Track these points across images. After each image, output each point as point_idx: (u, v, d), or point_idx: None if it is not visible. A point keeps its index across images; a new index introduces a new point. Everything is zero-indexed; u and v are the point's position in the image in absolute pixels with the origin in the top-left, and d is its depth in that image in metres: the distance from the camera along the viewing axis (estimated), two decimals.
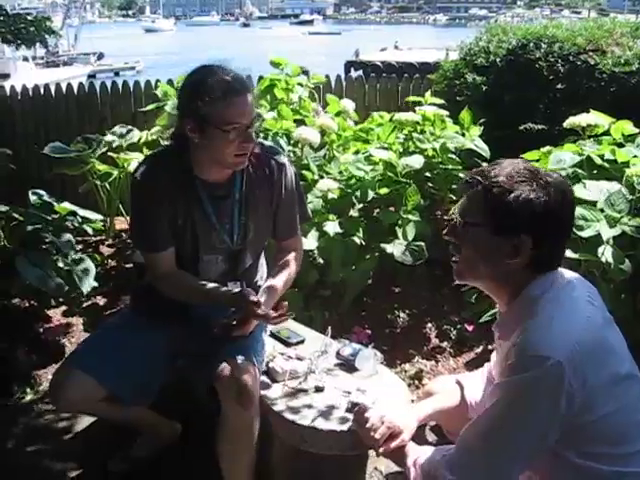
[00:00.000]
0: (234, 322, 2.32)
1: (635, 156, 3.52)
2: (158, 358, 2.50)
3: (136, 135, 5.27)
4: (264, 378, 2.51)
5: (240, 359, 2.35)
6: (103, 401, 2.45)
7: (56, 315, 4.20)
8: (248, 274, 2.62)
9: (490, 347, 3.68)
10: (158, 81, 5.80)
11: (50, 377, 3.54)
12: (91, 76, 28.25)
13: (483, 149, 4.14)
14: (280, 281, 2.53)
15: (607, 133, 3.71)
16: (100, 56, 36.22)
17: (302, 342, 2.78)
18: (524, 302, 1.76)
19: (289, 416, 2.30)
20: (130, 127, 5.39)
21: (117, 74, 31.77)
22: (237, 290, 2.38)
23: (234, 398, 2.25)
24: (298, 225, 2.66)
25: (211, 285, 2.43)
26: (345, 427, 2.23)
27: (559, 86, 4.54)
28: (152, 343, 2.47)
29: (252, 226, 2.51)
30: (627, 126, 3.69)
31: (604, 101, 4.14)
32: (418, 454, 1.94)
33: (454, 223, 1.84)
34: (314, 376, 2.50)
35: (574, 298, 1.76)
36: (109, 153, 5.19)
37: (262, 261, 2.75)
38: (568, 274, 1.86)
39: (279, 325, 2.82)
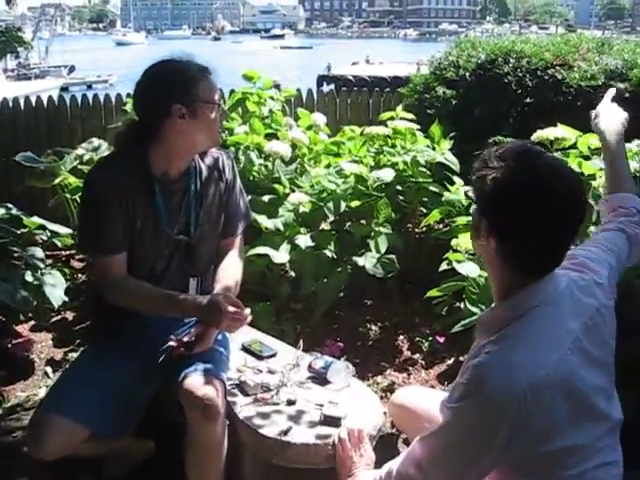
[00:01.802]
0: (193, 338, 2.32)
1: (601, 169, 3.58)
2: (131, 387, 2.43)
3: (107, 148, 5.24)
4: (236, 391, 2.50)
5: (204, 372, 2.32)
6: (86, 442, 2.35)
7: (25, 330, 4.14)
8: (205, 271, 2.62)
9: (462, 358, 3.70)
10: (129, 95, 5.77)
11: (19, 393, 3.52)
12: (64, 89, 27.97)
13: (453, 162, 4.17)
14: (232, 281, 2.53)
15: (574, 146, 3.77)
16: (71, 69, 35.89)
17: (274, 355, 2.77)
18: (506, 310, 1.65)
19: (261, 429, 2.29)
20: (101, 140, 5.35)
21: (90, 87, 31.58)
22: (207, 299, 2.33)
23: (199, 412, 2.22)
24: (240, 226, 2.68)
25: (172, 292, 2.40)
26: (318, 440, 2.23)
27: (527, 100, 4.59)
28: (121, 374, 2.40)
29: (207, 220, 2.53)
30: (593, 140, 3.75)
31: (571, 115, 4.18)
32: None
33: None
34: (286, 389, 2.50)
35: (555, 328, 1.61)
36: (80, 166, 5.15)
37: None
38: (572, 285, 1.70)
39: (251, 338, 2.83)
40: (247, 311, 2.34)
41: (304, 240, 3.76)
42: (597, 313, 1.69)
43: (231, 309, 2.28)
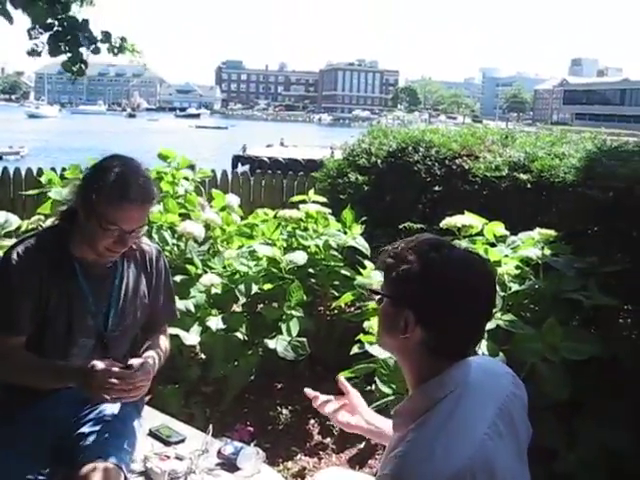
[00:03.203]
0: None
1: (506, 255, 3.73)
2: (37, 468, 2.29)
3: (14, 223, 5.10)
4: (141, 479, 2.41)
5: (102, 460, 2.20)
6: None
7: None
8: (119, 358, 2.52)
9: (373, 442, 3.69)
10: (41, 169, 5.69)
11: None
12: None
13: (364, 246, 4.26)
14: (157, 354, 2.48)
15: (481, 233, 3.91)
16: None
17: (182, 441, 2.70)
18: (423, 398, 1.66)
19: None
20: (7, 215, 5.21)
21: (0, 158, 30.88)
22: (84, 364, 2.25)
23: None
24: (164, 323, 2.69)
25: (55, 362, 2.35)
26: None
27: (436, 188, 4.76)
28: (24, 455, 2.25)
29: (130, 311, 2.49)
30: (498, 228, 3.91)
31: (478, 203, 4.35)
32: None
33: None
34: (194, 477, 2.43)
35: (472, 414, 1.62)
36: None
37: None
38: (481, 372, 1.73)
39: (159, 423, 2.75)
40: (132, 379, 2.23)
41: (215, 322, 3.73)
42: (508, 399, 1.72)
43: (109, 375, 2.17)
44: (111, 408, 2.46)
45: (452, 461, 1.52)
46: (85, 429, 2.35)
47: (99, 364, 2.20)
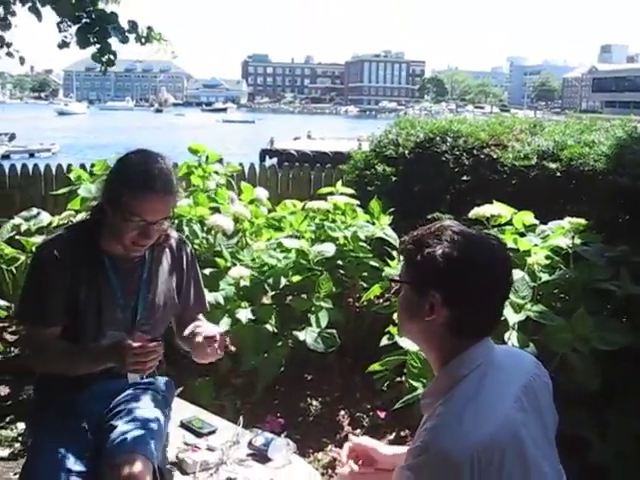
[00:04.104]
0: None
1: (535, 245, 3.70)
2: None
3: (46, 219, 5.18)
4: (174, 471, 2.44)
5: (132, 450, 2.23)
6: None
7: None
8: None
9: (403, 434, 3.69)
10: (70, 165, 5.76)
11: None
12: (5, 156, 27.74)
13: (392, 237, 4.25)
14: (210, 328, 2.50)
15: (509, 223, 3.88)
16: (12, 137, 35.55)
17: (214, 432, 2.72)
18: (449, 375, 1.70)
19: None
20: (39, 210, 5.29)
21: (32, 155, 31.20)
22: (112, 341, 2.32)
23: None
24: (197, 309, 2.69)
25: (85, 346, 2.40)
26: None
27: (464, 178, 4.74)
28: (67, 448, 2.28)
29: (159, 304, 2.53)
30: (527, 217, 3.88)
31: (506, 193, 4.33)
32: None
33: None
34: (226, 467, 2.45)
35: (498, 388, 1.67)
36: (17, 237, 5.07)
37: None
38: (506, 354, 1.82)
39: (190, 415, 2.78)
40: (153, 344, 2.25)
41: (245, 314, 3.75)
42: (532, 379, 1.75)
43: (135, 345, 2.21)
44: (142, 401, 2.50)
45: (480, 431, 1.56)
46: (117, 422, 2.38)
47: (130, 340, 2.24)
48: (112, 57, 5.62)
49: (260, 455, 2.54)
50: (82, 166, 5.42)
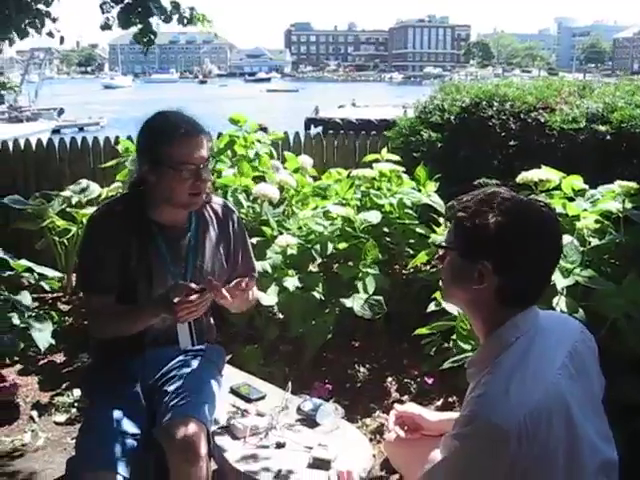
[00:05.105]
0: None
1: (585, 209, 3.64)
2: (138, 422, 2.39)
3: (95, 191, 5.27)
4: (224, 435, 2.48)
5: (186, 415, 2.29)
6: None
7: (10, 374, 4.10)
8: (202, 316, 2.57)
9: (451, 399, 3.70)
10: (118, 137, 5.83)
11: (3, 438, 3.48)
12: (55, 131, 28.16)
13: (439, 204, 4.22)
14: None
15: (558, 188, 3.82)
16: (61, 112, 36.05)
17: (263, 398, 2.76)
18: (495, 343, 1.71)
19: (251, 473, 2.27)
20: (89, 183, 5.38)
21: (81, 129, 31.65)
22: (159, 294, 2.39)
23: (179, 455, 2.21)
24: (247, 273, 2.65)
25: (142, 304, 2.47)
26: None
27: (511, 142, 4.66)
28: (127, 417, 2.36)
29: (208, 270, 2.56)
30: (577, 181, 3.81)
31: (554, 157, 4.25)
32: None
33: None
34: (275, 432, 2.49)
35: (544, 354, 1.66)
36: (68, 209, 5.17)
37: None
38: (552, 319, 1.81)
39: (239, 381, 2.82)
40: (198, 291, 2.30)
41: (292, 282, 3.77)
42: (577, 344, 1.74)
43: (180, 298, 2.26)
44: (194, 367, 2.56)
45: (527, 399, 1.55)
46: (170, 387, 2.45)
47: (171, 289, 2.32)
48: (152, 37, 5.67)
49: (309, 420, 2.58)
50: (129, 138, 5.47)
